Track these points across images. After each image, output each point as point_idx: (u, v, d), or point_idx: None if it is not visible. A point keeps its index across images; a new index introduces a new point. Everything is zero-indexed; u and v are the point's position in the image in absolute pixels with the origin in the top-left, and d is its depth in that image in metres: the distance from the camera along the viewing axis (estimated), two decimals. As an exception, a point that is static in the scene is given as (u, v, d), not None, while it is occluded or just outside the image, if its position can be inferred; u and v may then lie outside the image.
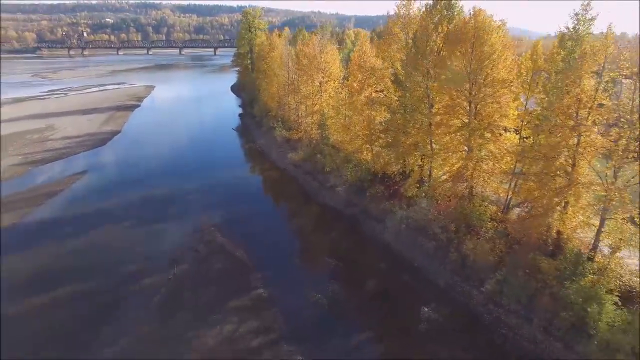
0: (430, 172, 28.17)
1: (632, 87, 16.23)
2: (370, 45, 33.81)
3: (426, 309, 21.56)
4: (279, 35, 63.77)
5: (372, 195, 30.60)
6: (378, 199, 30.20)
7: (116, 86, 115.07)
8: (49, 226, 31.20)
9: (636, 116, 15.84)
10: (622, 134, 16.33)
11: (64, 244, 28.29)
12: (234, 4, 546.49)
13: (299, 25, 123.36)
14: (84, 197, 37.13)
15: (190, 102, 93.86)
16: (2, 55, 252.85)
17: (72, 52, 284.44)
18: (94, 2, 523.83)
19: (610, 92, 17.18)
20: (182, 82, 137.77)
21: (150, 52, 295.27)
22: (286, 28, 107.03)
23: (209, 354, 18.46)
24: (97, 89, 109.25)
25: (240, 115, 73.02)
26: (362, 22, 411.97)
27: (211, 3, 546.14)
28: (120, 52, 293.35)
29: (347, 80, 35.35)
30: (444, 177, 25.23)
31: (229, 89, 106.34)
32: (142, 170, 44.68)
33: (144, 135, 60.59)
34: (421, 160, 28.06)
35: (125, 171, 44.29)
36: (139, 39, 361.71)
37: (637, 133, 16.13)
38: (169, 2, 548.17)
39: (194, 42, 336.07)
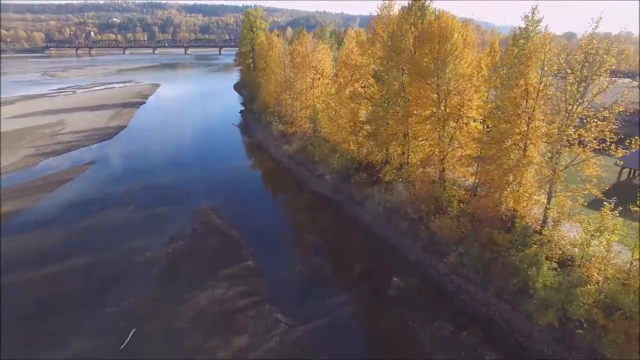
0: (407, 159, 30.86)
1: (566, 81, 18.83)
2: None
3: (396, 279, 24.36)
4: (278, 35, 66.67)
5: (356, 182, 33.42)
6: (361, 185, 33.02)
7: (122, 84, 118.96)
8: (59, 210, 34.38)
9: (569, 107, 18.51)
10: (555, 121, 18.96)
11: (73, 224, 31.43)
12: (240, 3, 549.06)
13: (304, 25, 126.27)
14: (92, 184, 40.35)
15: (193, 99, 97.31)
16: (12, 55, 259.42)
17: (79, 52, 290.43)
18: (101, 2, 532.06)
19: (549, 85, 19.74)
20: (186, 80, 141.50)
21: (156, 52, 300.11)
22: (288, 28, 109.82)
23: (201, 312, 21.38)
24: (104, 87, 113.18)
25: (241, 112, 76.15)
26: (367, 21, 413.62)
27: (217, 3, 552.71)
28: (127, 52, 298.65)
29: (337, 77, 38.18)
30: (417, 162, 27.92)
31: (232, 87, 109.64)
32: (146, 161, 47.91)
33: (148, 130, 63.93)
34: (400, 149, 30.78)
35: (130, 162, 47.55)
36: (145, 38, 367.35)
37: (569, 121, 18.77)
38: (175, 2, 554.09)
39: (199, 41, 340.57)
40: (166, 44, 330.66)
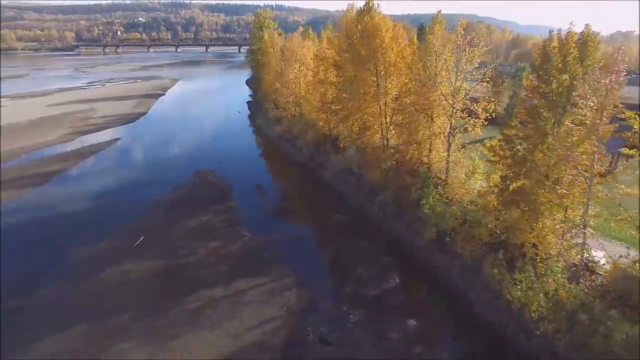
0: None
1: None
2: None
3: (337, 216, 32.91)
4: (280, 34, 75.85)
5: (324, 151, 42.02)
6: (328, 154, 41.59)
7: (145, 79, 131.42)
8: (92, 170, 44.67)
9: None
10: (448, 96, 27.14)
11: (102, 178, 41.46)
12: (261, 3, 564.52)
13: (323, 24, 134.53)
14: (117, 154, 50.71)
15: (207, 92, 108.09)
16: (46, 54, 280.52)
17: (106, 50, 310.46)
18: (127, 2, 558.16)
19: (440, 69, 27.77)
20: (204, 76, 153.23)
21: (178, 50, 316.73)
22: (300, 27, 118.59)
23: (192, 229, 30.56)
24: (129, 81, 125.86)
25: (248, 102, 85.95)
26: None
27: (239, 2, 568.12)
28: (151, 50, 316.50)
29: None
30: (363, 130, 36.22)
31: (244, 82, 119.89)
32: (160, 138, 58.19)
33: (164, 116, 74.74)
34: (355, 122, 39.13)
35: (147, 139, 57.92)
36: (169, 37, 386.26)
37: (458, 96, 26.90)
38: (199, 1, 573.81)
39: (219, 40, 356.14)
40: (188, 43, 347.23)
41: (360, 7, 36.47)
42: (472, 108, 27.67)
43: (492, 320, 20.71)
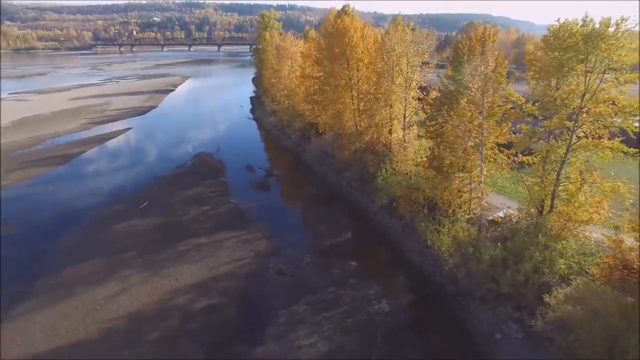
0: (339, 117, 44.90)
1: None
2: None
3: (312, 189, 38.83)
4: (280, 34, 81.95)
5: (308, 137, 47.94)
6: (311, 140, 47.48)
7: (157, 76, 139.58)
8: (105, 154, 51.60)
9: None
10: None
11: (113, 160, 48.31)
12: (274, 2, 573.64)
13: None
14: (129, 140, 57.63)
15: (215, 88, 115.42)
16: (65, 53, 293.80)
17: (122, 49, 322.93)
18: (143, 2, 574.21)
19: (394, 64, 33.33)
20: (213, 74, 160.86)
21: (191, 49, 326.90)
22: (306, 27, 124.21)
23: (188, 197, 36.84)
24: (142, 78, 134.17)
25: (251, 97, 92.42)
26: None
27: (252, 2, 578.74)
28: (165, 49, 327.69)
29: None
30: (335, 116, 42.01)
31: (250, 80, 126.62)
32: (167, 127, 65.11)
33: (173, 109, 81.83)
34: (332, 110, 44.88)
35: (155, 128, 64.91)
36: (182, 36, 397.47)
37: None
38: (213, 1, 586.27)
39: (232, 39, 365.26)
40: (201, 42, 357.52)
41: (338, 10, 42.35)
42: (421, 96, 33.31)
43: (418, 263, 26.32)
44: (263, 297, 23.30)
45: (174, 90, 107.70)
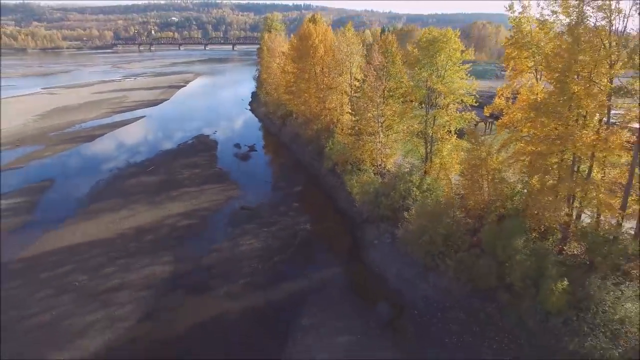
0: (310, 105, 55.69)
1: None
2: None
3: (282, 161, 49.88)
4: (278, 35, 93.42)
5: (289, 123, 58.97)
6: (291, 125, 58.49)
7: (172, 74, 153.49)
8: (123, 135, 63.97)
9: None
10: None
11: (129, 140, 60.52)
12: (290, 2, 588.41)
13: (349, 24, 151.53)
14: (142, 126, 70.06)
15: (222, 84, 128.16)
16: (87, 52, 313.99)
17: (141, 48, 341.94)
18: (162, 2, 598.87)
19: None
20: (224, 72, 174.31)
21: (207, 48, 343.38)
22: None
23: (184, 164, 48.36)
24: (158, 75, 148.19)
25: (252, 92, 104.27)
26: (413, 20, 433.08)
27: (268, 2, 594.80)
28: (182, 48, 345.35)
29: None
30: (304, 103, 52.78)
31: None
32: (176, 116, 77.40)
33: (183, 101, 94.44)
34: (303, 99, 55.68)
35: (165, 117, 77.39)
36: (199, 36, 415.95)
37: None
38: (230, 1, 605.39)
39: (246, 39, 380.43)
40: (216, 41, 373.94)
41: (309, 17, 53.26)
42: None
43: (344, 207, 36.87)
44: (227, 221, 34.43)
45: (185, 85, 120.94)
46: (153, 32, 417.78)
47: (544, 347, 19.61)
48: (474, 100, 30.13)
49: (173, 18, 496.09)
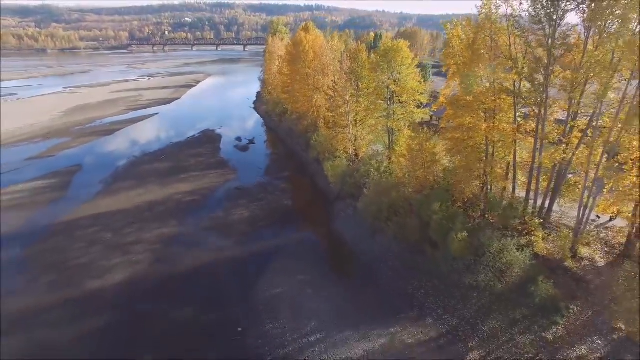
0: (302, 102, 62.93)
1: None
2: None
3: (277, 151, 57.31)
4: (282, 39, 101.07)
5: (285, 120, 66.43)
6: (287, 121, 65.94)
7: (184, 74, 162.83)
8: (138, 130, 72.32)
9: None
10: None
11: (143, 134, 68.78)
12: (302, 3, 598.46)
13: (361, 25, 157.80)
14: (154, 122, 78.50)
15: (230, 84, 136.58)
16: (103, 52, 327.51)
17: (155, 48, 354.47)
18: (176, 3, 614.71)
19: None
20: (233, 72, 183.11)
21: (219, 48, 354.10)
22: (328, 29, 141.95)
23: (191, 154, 56.16)
24: (170, 75, 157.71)
25: (258, 92, 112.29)
26: (423, 21, 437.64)
27: (280, 2, 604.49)
28: (194, 48, 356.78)
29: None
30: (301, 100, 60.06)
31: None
32: (184, 113, 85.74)
33: (193, 100, 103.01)
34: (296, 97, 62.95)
35: (176, 114, 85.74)
36: (212, 36, 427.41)
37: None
38: (242, 1, 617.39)
39: (257, 39, 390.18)
40: (228, 42, 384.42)
41: (302, 26, 60.68)
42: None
43: (323, 188, 44.05)
44: (223, 197, 42.02)
45: (195, 85, 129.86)
46: (167, 32, 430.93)
47: (451, 282, 26.54)
48: (427, 99, 36.99)
49: (186, 19, 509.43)
